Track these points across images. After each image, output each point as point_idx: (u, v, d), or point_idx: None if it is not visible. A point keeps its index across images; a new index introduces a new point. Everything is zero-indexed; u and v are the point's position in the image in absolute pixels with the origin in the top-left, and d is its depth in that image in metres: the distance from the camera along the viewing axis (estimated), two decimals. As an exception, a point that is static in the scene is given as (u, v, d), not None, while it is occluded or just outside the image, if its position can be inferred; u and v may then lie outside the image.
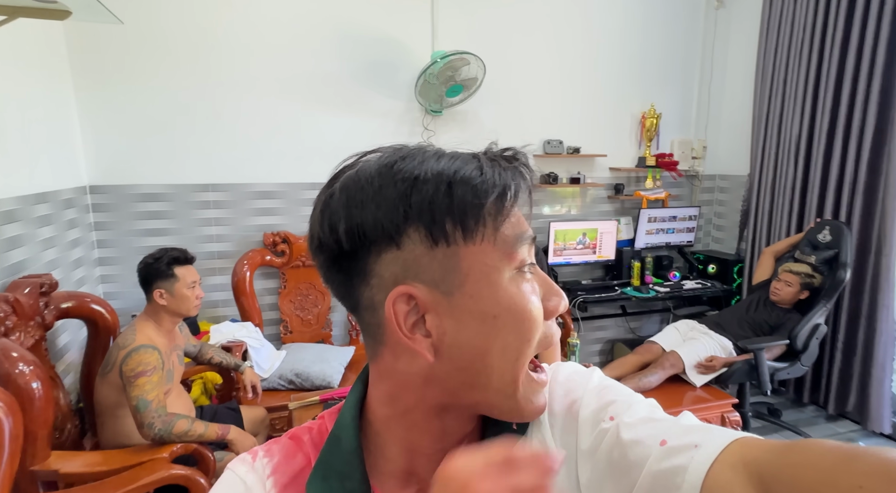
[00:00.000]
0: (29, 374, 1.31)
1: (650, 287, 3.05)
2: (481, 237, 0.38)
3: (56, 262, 1.98)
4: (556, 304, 0.41)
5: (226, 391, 2.17)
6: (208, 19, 2.40)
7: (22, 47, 1.84)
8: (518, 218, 0.40)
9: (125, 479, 1.34)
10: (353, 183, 0.38)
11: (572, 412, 0.43)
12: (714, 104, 3.33)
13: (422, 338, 0.39)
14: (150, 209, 2.47)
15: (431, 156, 0.39)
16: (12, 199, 1.69)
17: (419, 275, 0.38)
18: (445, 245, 0.37)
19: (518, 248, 0.39)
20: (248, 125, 2.54)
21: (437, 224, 0.37)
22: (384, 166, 0.38)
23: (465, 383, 0.40)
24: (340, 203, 0.38)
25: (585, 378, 0.46)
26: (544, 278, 0.42)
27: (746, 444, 0.35)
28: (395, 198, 0.37)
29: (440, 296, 0.38)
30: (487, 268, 0.38)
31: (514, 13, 2.85)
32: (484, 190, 0.37)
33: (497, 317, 0.38)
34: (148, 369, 1.52)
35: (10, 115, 1.71)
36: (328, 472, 0.42)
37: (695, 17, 3.21)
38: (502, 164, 0.40)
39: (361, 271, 0.39)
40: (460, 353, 0.39)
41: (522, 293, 0.39)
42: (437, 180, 0.37)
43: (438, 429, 0.43)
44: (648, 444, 0.37)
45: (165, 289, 1.66)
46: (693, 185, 3.42)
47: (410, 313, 0.39)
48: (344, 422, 0.44)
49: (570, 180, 3.05)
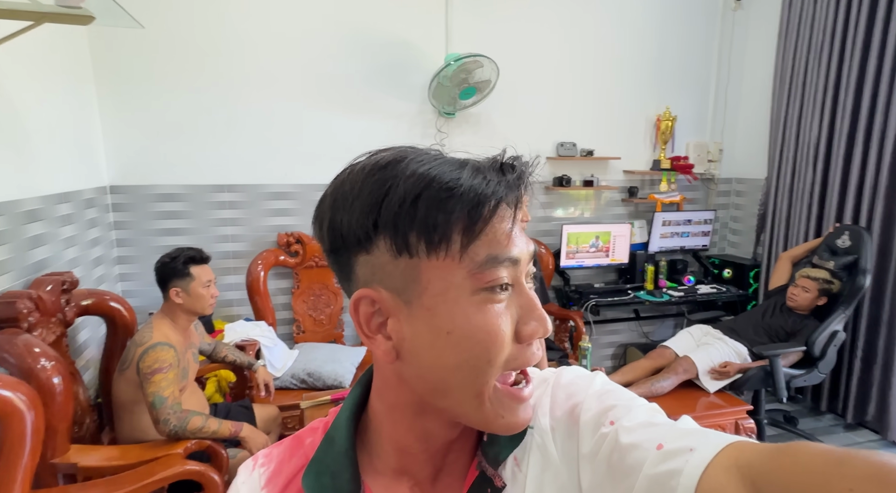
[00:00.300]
0: (50, 369, 1.34)
1: (664, 291, 3.02)
2: (444, 253, 0.37)
3: (77, 260, 2.03)
4: (532, 329, 0.39)
5: (239, 390, 2.21)
6: (225, 23, 2.44)
7: (47, 52, 1.89)
8: (497, 236, 0.37)
9: (141, 473, 1.37)
10: (341, 185, 0.40)
11: (573, 417, 0.43)
12: (731, 106, 3.28)
13: (383, 339, 0.40)
14: (167, 209, 2.52)
15: (419, 161, 0.38)
16: (36, 198, 1.73)
17: (384, 280, 0.39)
18: (408, 256, 0.37)
19: (487, 268, 0.37)
20: (263, 127, 2.57)
21: (400, 236, 0.37)
22: (368, 173, 0.38)
23: (429, 390, 0.41)
24: (328, 205, 0.40)
25: (587, 382, 0.46)
26: (528, 301, 0.39)
27: (740, 447, 0.35)
28: (368, 205, 0.37)
29: (401, 303, 0.39)
30: (446, 284, 0.37)
31: (528, 15, 2.85)
32: (452, 205, 0.36)
33: (451, 333, 0.38)
34: (164, 366, 1.55)
35: (35, 117, 1.76)
36: (321, 469, 0.43)
37: (712, 19, 3.18)
38: (490, 174, 0.37)
39: (346, 267, 0.41)
40: (419, 361, 0.40)
41: (483, 314, 0.37)
42: (406, 192, 0.36)
43: (421, 429, 0.44)
44: (646, 448, 0.38)
45: (181, 288, 1.69)
46: (709, 188, 3.37)
47: (375, 315, 0.40)
48: (339, 422, 0.45)
49: (583, 183, 3.03)
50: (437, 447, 0.44)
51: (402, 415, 0.43)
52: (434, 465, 0.45)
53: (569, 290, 3.04)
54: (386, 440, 0.45)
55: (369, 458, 0.46)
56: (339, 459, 0.43)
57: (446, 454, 0.45)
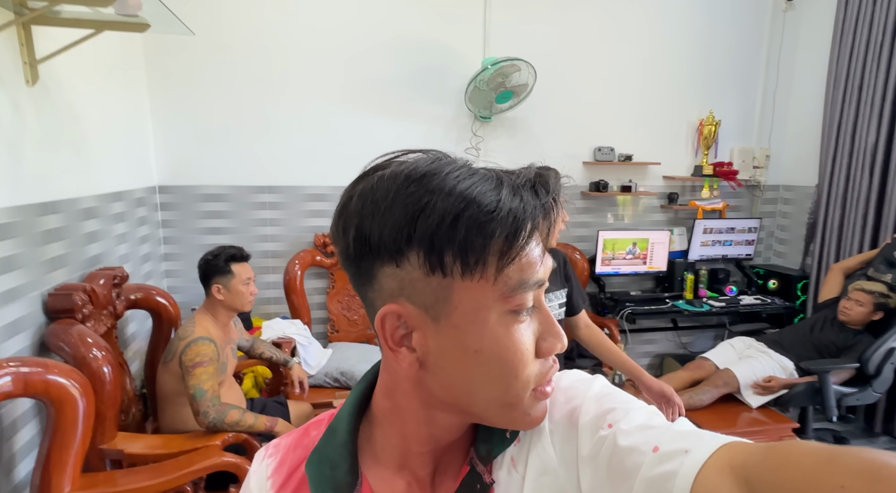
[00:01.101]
0: (101, 359, 1.41)
1: (704, 301, 2.92)
2: (480, 275, 0.37)
3: (127, 256, 2.13)
4: (551, 345, 0.41)
5: (274, 386, 2.26)
6: (269, 30, 2.52)
7: (105, 58, 2.00)
8: (529, 260, 0.38)
9: (181, 462, 1.42)
10: (371, 193, 0.39)
11: (572, 420, 0.44)
12: (779, 111, 3.15)
13: (407, 352, 0.40)
14: (211, 209, 2.62)
15: (455, 177, 0.37)
16: (92, 197, 1.83)
17: (412, 296, 0.38)
18: (441, 275, 0.37)
19: (518, 293, 0.38)
20: (303, 130, 2.64)
21: (436, 254, 0.37)
22: (402, 183, 0.37)
23: (454, 398, 0.41)
24: (355, 210, 0.39)
25: (587, 386, 0.46)
26: (546, 318, 0.41)
27: (734, 448, 0.35)
28: (402, 219, 0.37)
29: (428, 319, 0.39)
30: (478, 305, 0.38)
31: (567, 19, 2.82)
32: (492, 229, 0.36)
33: (479, 352, 0.38)
34: (205, 359, 1.61)
35: (93, 120, 1.87)
36: (322, 458, 0.45)
37: (760, 20, 3.06)
38: (526, 195, 0.37)
39: (367, 274, 0.40)
40: (444, 373, 0.40)
41: (510, 334, 0.38)
42: (445, 211, 0.36)
43: (426, 433, 0.44)
44: (643, 450, 0.38)
45: (223, 284, 1.75)
46: (754, 195, 3.25)
47: (400, 327, 0.40)
48: (341, 415, 0.47)
49: (620, 188, 2.97)
50: (440, 447, 0.46)
51: (410, 418, 0.44)
52: (434, 463, 0.46)
53: (604, 297, 2.98)
54: (388, 435, 0.46)
55: (371, 451, 0.47)
56: (339, 450, 0.45)
57: (445, 453, 0.47)
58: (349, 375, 2.31)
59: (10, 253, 1.35)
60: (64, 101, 1.66)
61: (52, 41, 1.53)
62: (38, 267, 1.48)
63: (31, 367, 1.18)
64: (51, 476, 1.23)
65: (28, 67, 1.43)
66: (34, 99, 1.49)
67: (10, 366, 1.15)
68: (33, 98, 1.48)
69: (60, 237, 1.60)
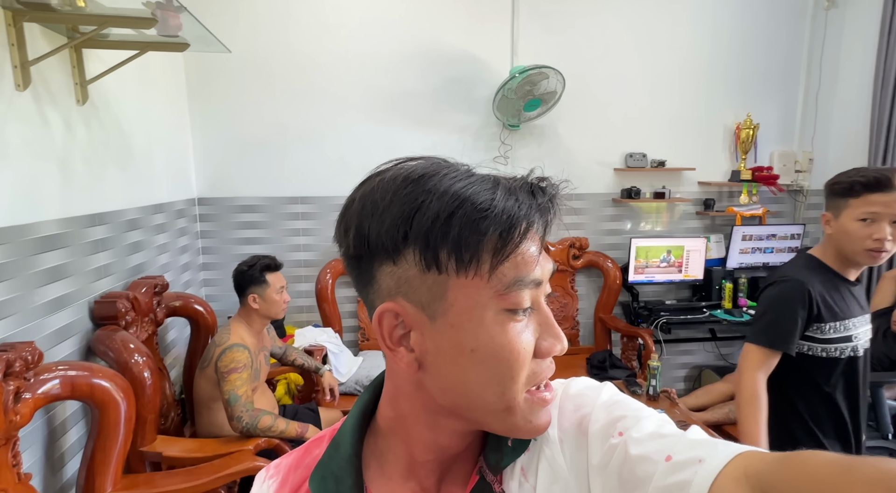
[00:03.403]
0: (142, 364, 1.47)
1: (744, 311, 2.81)
2: (474, 272, 0.37)
3: (168, 266, 2.22)
4: (549, 345, 0.40)
5: (306, 392, 2.30)
6: (302, 45, 2.60)
7: (149, 76, 2.11)
8: (525, 258, 0.38)
9: (216, 466, 1.46)
10: (371, 194, 0.40)
11: (582, 428, 0.43)
12: (822, 113, 3.02)
13: (405, 352, 0.40)
14: (247, 220, 2.70)
15: (451, 178, 0.38)
16: (136, 209, 1.92)
17: (409, 294, 0.39)
18: (437, 272, 0.38)
19: (513, 290, 0.38)
20: (335, 142, 2.70)
21: (431, 252, 0.37)
22: (400, 184, 0.39)
23: (453, 400, 0.41)
24: (356, 211, 0.40)
25: (596, 393, 0.45)
26: (545, 318, 0.41)
27: (749, 457, 0.35)
28: (398, 218, 0.37)
29: (425, 318, 0.39)
30: (472, 303, 0.38)
31: (595, 25, 2.80)
32: (486, 226, 0.36)
33: (475, 351, 0.38)
34: (239, 366, 1.65)
35: (137, 135, 1.96)
36: (326, 473, 0.44)
37: (800, 19, 2.96)
38: (522, 196, 0.38)
39: (366, 274, 0.41)
40: (442, 374, 0.40)
41: (506, 333, 0.38)
42: (440, 209, 0.36)
43: (431, 440, 0.44)
44: (655, 459, 0.38)
45: (258, 294, 1.80)
46: (797, 200, 3.11)
47: (398, 327, 0.40)
48: (345, 428, 0.46)
49: (653, 195, 2.90)
50: (446, 456, 0.45)
51: (414, 423, 0.44)
52: (440, 472, 0.46)
53: (637, 306, 2.91)
54: (393, 446, 0.46)
55: (377, 463, 0.47)
56: (343, 464, 0.44)
57: (452, 462, 0.46)
58: (379, 383, 2.33)
59: (60, 262, 1.43)
60: (111, 118, 1.75)
61: (100, 62, 1.62)
62: (86, 276, 1.56)
63: (77, 371, 1.24)
64: (94, 476, 1.28)
65: (79, 88, 1.52)
66: (84, 117, 1.58)
67: (59, 370, 1.21)
68: (83, 116, 1.57)
69: (106, 247, 1.69)
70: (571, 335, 2.94)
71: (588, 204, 2.95)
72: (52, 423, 1.38)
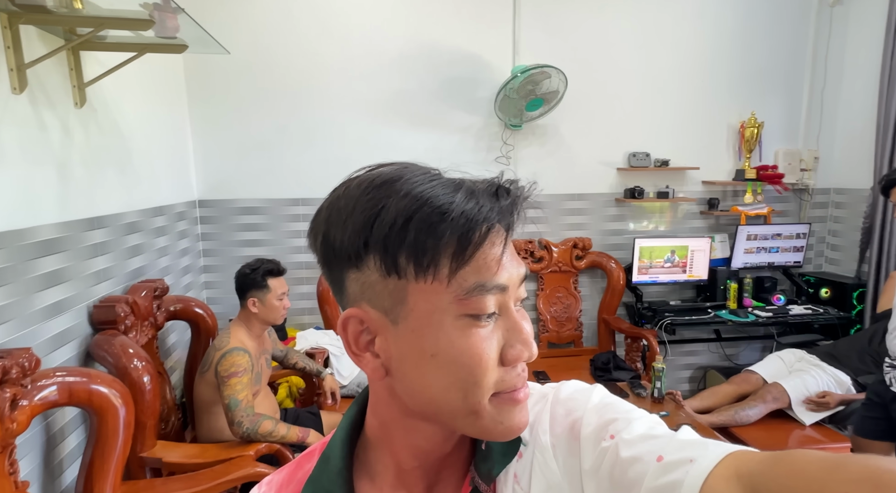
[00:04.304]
0: (142, 369, 1.46)
1: (749, 311, 2.78)
2: (433, 277, 0.37)
3: (168, 269, 2.20)
4: (517, 352, 0.39)
5: (308, 396, 2.28)
6: (301, 46, 2.58)
7: (147, 79, 2.09)
8: (486, 262, 0.37)
9: (217, 472, 1.44)
10: (337, 201, 0.40)
11: (574, 432, 0.43)
12: (828, 111, 2.99)
13: (371, 357, 0.41)
14: (248, 222, 2.69)
15: (414, 181, 0.38)
16: (136, 212, 1.91)
17: (372, 299, 0.39)
18: (396, 277, 0.38)
19: (474, 295, 0.37)
20: (335, 143, 2.69)
21: (390, 257, 0.37)
22: (365, 190, 0.39)
23: (421, 406, 0.41)
24: (323, 218, 0.41)
25: (586, 397, 0.45)
26: (514, 324, 0.39)
27: (740, 457, 0.35)
28: (360, 225, 0.38)
29: (388, 323, 0.39)
30: (431, 307, 0.37)
31: (597, 24, 2.78)
32: (442, 230, 0.36)
33: (435, 356, 0.38)
34: (239, 370, 1.63)
35: (137, 138, 1.95)
36: (317, 489, 0.44)
37: (804, 17, 2.93)
38: (484, 198, 0.37)
39: (337, 281, 0.41)
40: (408, 380, 0.40)
41: (466, 338, 0.37)
42: (398, 213, 0.36)
43: (413, 444, 0.44)
44: (646, 460, 0.37)
45: (258, 298, 1.78)
46: (802, 199, 3.09)
47: (363, 332, 0.40)
48: (334, 441, 0.46)
49: (657, 195, 2.88)
50: (430, 461, 0.45)
51: (394, 429, 0.44)
52: (428, 480, 0.45)
53: (641, 307, 2.88)
54: (381, 455, 0.46)
55: (368, 475, 0.46)
56: (333, 478, 0.44)
57: (440, 470, 0.46)
58: (381, 386, 2.31)
59: (59, 266, 1.41)
60: (109, 121, 1.74)
61: (98, 65, 1.61)
62: (85, 280, 1.54)
63: (75, 377, 1.22)
64: (93, 484, 1.27)
65: (76, 90, 1.51)
66: (82, 120, 1.56)
67: (57, 376, 1.19)
68: (81, 119, 1.56)
69: (105, 251, 1.67)
70: (575, 337, 2.92)
71: (591, 204, 2.93)
72: (50, 429, 1.37)
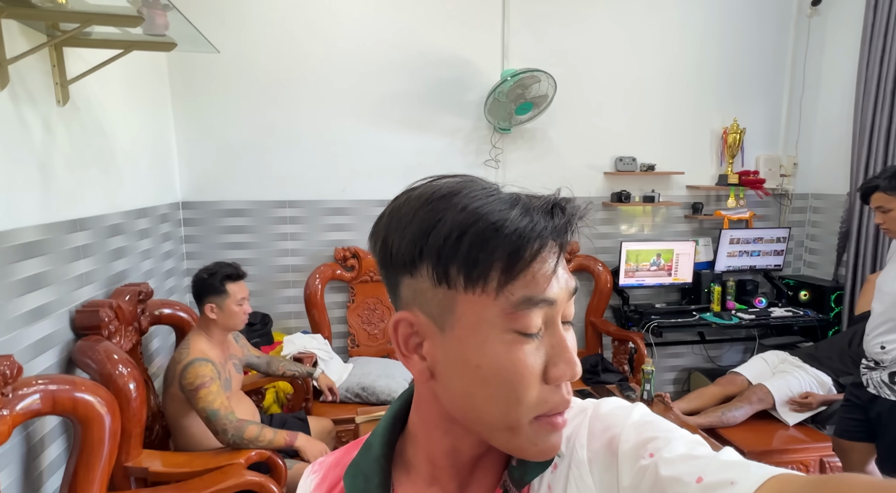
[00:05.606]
0: (127, 376, 1.41)
1: (732, 314, 2.83)
2: (482, 289, 0.38)
3: (151, 272, 2.15)
4: (560, 371, 0.39)
5: (296, 401, 2.24)
6: (289, 47, 2.55)
7: (132, 77, 2.04)
8: (535, 277, 0.38)
9: (206, 481, 1.41)
10: (398, 209, 0.42)
11: (612, 448, 0.43)
12: (806, 118, 3.08)
13: (418, 359, 0.42)
14: (233, 224, 2.64)
15: (473, 196, 0.39)
16: (119, 214, 1.85)
17: (423, 305, 0.41)
18: (447, 287, 0.39)
19: (521, 310, 0.38)
20: (323, 145, 2.66)
21: (441, 267, 0.39)
22: (424, 202, 0.40)
23: (460, 413, 0.42)
24: (384, 224, 0.43)
25: (626, 413, 0.45)
26: (559, 341, 0.40)
27: (783, 480, 0.34)
28: (417, 234, 0.39)
29: (436, 329, 0.41)
30: (478, 319, 0.39)
31: (586, 29, 2.81)
32: (494, 245, 0.37)
33: (479, 367, 0.39)
34: (206, 380, 1.57)
35: (119, 137, 1.90)
36: (357, 472, 0.47)
37: (784, 26, 3.01)
38: (538, 216, 0.38)
39: (392, 284, 0.43)
40: (450, 386, 0.41)
41: (510, 353, 0.38)
42: (453, 226, 0.38)
43: (449, 444, 0.45)
44: (686, 481, 0.37)
45: (216, 304, 1.70)
46: (782, 204, 3.16)
47: (413, 336, 0.42)
48: (377, 431, 0.49)
49: (643, 199, 2.92)
50: (463, 461, 0.46)
51: (433, 429, 0.46)
52: (460, 478, 0.47)
53: (628, 310, 2.91)
54: (418, 451, 0.48)
55: (405, 466, 0.49)
56: (372, 464, 0.47)
57: (473, 470, 0.47)
58: (370, 390, 2.29)
59: (39, 270, 1.36)
60: (92, 120, 1.69)
61: (81, 62, 1.56)
62: (67, 284, 1.49)
63: (58, 385, 1.18)
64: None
65: (59, 88, 1.46)
66: (64, 119, 1.51)
67: (39, 384, 1.15)
68: (64, 118, 1.51)
69: (88, 254, 1.62)
70: (563, 339, 2.93)
71: (578, 208, 2.95)
72: (30, 440, 1.32)
